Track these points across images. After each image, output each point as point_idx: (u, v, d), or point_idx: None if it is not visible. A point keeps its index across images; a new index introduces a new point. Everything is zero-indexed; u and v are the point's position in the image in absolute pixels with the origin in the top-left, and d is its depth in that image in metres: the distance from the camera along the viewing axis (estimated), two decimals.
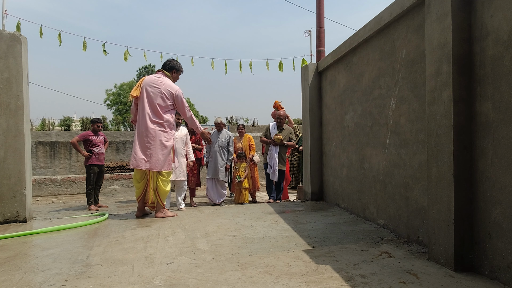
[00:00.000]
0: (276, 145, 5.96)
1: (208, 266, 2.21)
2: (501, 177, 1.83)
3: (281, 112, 6.21)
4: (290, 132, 6.18)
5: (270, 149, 6.02)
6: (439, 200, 2.13)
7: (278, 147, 5.98)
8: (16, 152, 3.52)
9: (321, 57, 6.00)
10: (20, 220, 3.56)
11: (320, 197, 4.79)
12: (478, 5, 1.99)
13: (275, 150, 5.95)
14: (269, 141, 6.03)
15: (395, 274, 2.01)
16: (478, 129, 1.98)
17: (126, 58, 9.75)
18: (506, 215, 1.80)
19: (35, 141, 9.25)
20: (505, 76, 1.81)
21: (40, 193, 7.97)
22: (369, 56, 3.38)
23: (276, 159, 5.92)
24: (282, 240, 2.77)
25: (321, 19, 6.24)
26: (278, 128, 6.13)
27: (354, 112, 3.73)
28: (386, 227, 3.04)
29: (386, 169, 3.05)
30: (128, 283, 1.95)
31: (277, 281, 1.94)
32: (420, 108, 2.55)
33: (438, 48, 2.15)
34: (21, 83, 3.55)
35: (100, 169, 6.21)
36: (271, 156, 5.95)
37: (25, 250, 2.63)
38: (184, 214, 4.06)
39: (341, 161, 4.09)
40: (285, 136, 6.03)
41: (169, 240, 2.86)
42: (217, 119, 6.36)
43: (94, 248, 2.64)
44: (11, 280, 2.02)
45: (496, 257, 1.85)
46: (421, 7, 2.51)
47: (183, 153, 5.20)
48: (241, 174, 6.10)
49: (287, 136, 6.09)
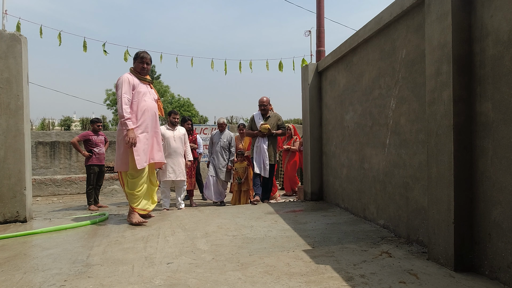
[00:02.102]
0: (264, 136, 5.21)
1: (208, 266, 2.21)
2: (501, 177, 1.83)
3: (264, 98, 5.37)
4: (277, 119, 5.40)
5: (257, 141, 5.23)
6: (439, 200, 2.13)
7: (267, 137, 5.24)
8: (16, 152, 3.52)
9: (321, 57, 6.00)
10: (20, 220, 3.56)
11: (320, 197, 4.79)
12: (478, 5, 1.99)
13: (264, 142, 5.19)
14: (256, 133, 5.27)
15: (395, 274, 2.01)
16: (478, 129, 1.98)
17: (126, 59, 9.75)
18: (506, 215, 1.80)
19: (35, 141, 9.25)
20: (505, 76, 1.81)
21: (40, 193, 7.97)
22: (369, 56, 3.38)
23: (266, 151, 5.15)
24: (282, 240, 2.77)
25: (321, 19, 6.24)
26: (263, 117, 5.34)
27: (354, 112, 3.73)
28: (386, 227, 3.04)
29: (386, 169, 3.05)
30: (128, 283, 1.95)
31: (277, 281, 1.94)
32: (420, 108, 2.55)
33: (438, 48, 2.15)
34: (21, 83, 3.55)
35: (100, 169, 6.21)
36: (260, 149, 5.18)
37: (25, 250, 2.63)
38: (184, 214, 4.06)
39: (341, 161, 4.09)
40: (272, 124, 5.26)
41: (169, 240, 2.86)
42: (220, 120, 6.36)
43: (94, 248, 2.64)
44: (11, 280, 2.02)
45: (496, 257, 1.85)
46: (421, 7, 2.51)
47: (182, 153, 5.19)
48: (241, 175, 5.91)
49: (274, 124, 5.32)
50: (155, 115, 3.74)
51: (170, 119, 5.27)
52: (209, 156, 6.26)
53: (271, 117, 5.34)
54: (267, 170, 5.13)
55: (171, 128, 5.20)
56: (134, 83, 3.59)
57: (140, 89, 3.61)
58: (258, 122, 5.31)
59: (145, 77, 3.73)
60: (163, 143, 5.07)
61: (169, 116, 5.32)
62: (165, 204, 5.02)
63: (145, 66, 3.69)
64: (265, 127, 5.15)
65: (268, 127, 5.15)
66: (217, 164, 6.00)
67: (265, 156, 5.14)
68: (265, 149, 5.16)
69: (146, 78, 3.74)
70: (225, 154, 6.05)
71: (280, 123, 5.37)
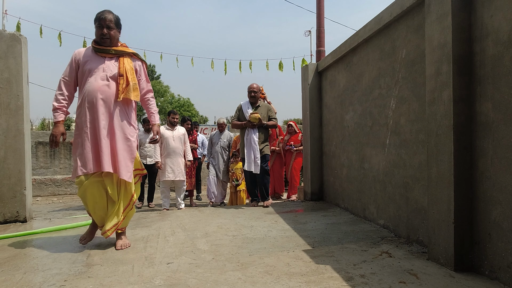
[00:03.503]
0: (254, 126, 4.52)
1: (208, 266, 2.21)
2: (501, 177, 1.83)
3: (254, 84, 4.74)
4: (268, 109, 4.74)
5: (246, 133, 4.54)
6: (439, 200, 2.13)
7: (257, 129, 4.55)
8: (16, 152, 3.52)
9: (321, 57, 6.00)
10: (20, 220, 3.56)
11: (320, 197, 4.79)
12: (478, 5, 1.99)
13: (254, 133, 4.50)
14: (244, 123, 4.57)
15: (395, 274, 2.01)
16: (478, 129, 1.98)
17: None
18: (506, 215, 1.80)
19: (35, 141, 9.25)
20: (505, 76, 1.81)
21: (40, 193, 7.97)
22: (369, 56, 3.38)
23: (257, 144, 4.47)
24: (282, 240, 2.77)
25: (321, 19, 6.24)
26: (252, 105, 4.69)
27: (354, 112, 3.73)
28: (386, 227, 3.04)
29: (386, 169, 3.05)
30: (128, 283, 1.95)
31: (277, 281, 1.94)
32: (420, 108, 2.55)
33: (438, 48, 2.15)
34: (21, 83, 3.55)
35: None
36: (250, 142, 4.49)
37: (25, 250, 2.63)
38: (184, 214, 4.06)
39: (341, 161, 4.09)
40: (262, 115, 4.59)
41: (169, 240, 2.86)
42: (219, 120, 6.31)
43: (94, 248, 2.64)
44: (11, 280, 2.02)
45: (496, 257, 1.85)
46: (421, 7, 2.51)
47: (181, 153, 5.19)
48: (238, 176, 5.79)
49: (265, 114, 4.65)
50: (101, 102, 2.53)
51: (169, 119, 5.27)
52: (209, 157, 6.22)
53: (261, 106, 4.71)
54: (258, 165, 4.46)
55: (170, 128, 5.20)
56: (81, 58, 2.61)
57: (89, 65, 2.57)
58: (246, 112, 4.64)
59: (107, 47, 2.61)
60: (163, 143, 5.07)
61: (168, 116, 5.32)
62: (165, 204, 5.02)
63: (105, 32, 2.58)
64: (255, 117, 4.47)
65: (258, 117, 4.47)
66: (217, 164, 5.98)
67: (255, 150, 4.46)
68: (256, 141, 4.48)
69: (109, 49, 2.61)
70: (225, 154, 6.03)
71: (271, 114, 4.75)
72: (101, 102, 2.52)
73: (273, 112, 4.84)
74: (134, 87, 2.65)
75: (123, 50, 2.68)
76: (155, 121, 2.87)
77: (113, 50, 2.62)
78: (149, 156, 5.81)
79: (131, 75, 2.64)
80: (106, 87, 2.54)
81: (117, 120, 2.59)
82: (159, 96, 34.59)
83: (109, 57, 2.63)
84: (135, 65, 2.75)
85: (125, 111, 2.66)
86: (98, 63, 2.58)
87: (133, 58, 2.76)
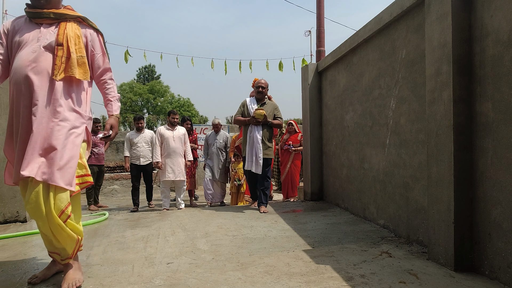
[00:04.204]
0: (258, 124, 4.23)
1: (208, 266, 2.21)
2: (501, 177, 1.83)
3: (263, 80, 4.45)
4: (274, 107, 4.45)
5: (250, 130, 4.26)
6: (439, 200, 2.13)
7: (261, 127, 4.26)
8: None
9: (321, 57, 6.00)
10: (20, 220, 3.56)
11: (320, 197, 4.79)
12: (478, 5, 1.99)
13: (258, 131, 4.21)
14: (248, 120, 4.26)
15: (395, 274, 2.01)
16: (478, 129, 1.98)
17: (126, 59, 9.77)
18: (506, 215, 1.80)
19: None
20: (505, 76, 1.81)
21: None
22: (369, 56, 3.38)
23: (260, 143, 4.18)
24: (282, 240, 2.77)
25: (321, 19, 6.24)
26: (258, 102, 4.39)
27: (354, 112, 3.73)
28: (386, 227, 3.04)
29: (386, 169, 3.05)
30: (128, 283, 1.95)
31: (277, 281, 1.94)
32: (420, 108, 2.55)
33: (438, 48, 2.15)
34: None
35: (99, 169, 6.22)
36: (253, 140, 4.20)
37: (25, 250, 2.63)
38: (184, 214, 4.06)
39: (341, 161, 4.09)
40: (268, 112, 4.29)
41: (169, 240, 2.86)
42: (215, 120, 6.15)
43: (94, 248, 2.64)
44: (11, 280, 2.02)
45: (496, 257, 1.85)
46: (421, 7, 2.51)
47: (181, 153, 5.19)
48: (240, 176, 5.73)
49: (271, 112, 4.36)
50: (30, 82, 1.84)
51: (169, 119, 5.27)
52: (205, 158, 6.07)
53: (268, 104, 4.41)
54: (259, 165, 4.16)
55: (171, 128, 5.20)
56: (14, 28, 1.99)
57: (20, 35, 1.94)
58: (251, 108, 4.36)
59: (42, 10, 1.95)
60: (163, 143, 5.08)
61: (168, 116, 5.32)
62: (165, 204, 5.02)
63: None
64: (261, 113, 4.17)
65: (264, 113, 4.17)
66: (213, 165, 5.92)
67: (258, 148, 4.17)
68: (259, 140, 4.19)
69: (45, 12, 1.95)
70: (222, 155, 5.92)
71: (277, 113, 4.44)
72: (29, 82, 1.84)
73: (280, 112, 4.52)
74: (80, 61, 1.97)
75: (67, 13, 2.00)
76: (112, 111, 2.18)
77: (52, 14, 1.96)
78: (143, 157, 5.73)
79: (75, 45, 1.96)
80: (38, 61, 1.86)
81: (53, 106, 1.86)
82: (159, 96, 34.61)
83: (47, 24, 1.98)
84: (85, 33, 2.06)
85: (69, 94, 1.95)
86: (31, 32, 1.94)
87: (82, 24, 2.07)
